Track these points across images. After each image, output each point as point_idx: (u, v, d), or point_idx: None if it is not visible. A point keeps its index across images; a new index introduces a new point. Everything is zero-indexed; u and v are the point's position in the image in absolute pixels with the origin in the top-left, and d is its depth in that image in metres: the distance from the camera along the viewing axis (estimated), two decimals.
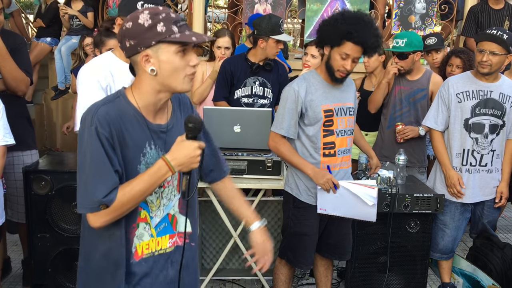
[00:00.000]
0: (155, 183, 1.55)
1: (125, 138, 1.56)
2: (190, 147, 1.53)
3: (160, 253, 1.73)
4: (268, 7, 5.36)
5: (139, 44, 1.50)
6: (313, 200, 2.79)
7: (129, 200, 1.54)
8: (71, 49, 5.82)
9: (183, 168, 1.55)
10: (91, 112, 1.54)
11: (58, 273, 3.14)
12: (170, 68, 1.52)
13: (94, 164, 1.51)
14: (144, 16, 1.49)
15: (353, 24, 2.49)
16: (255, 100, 3.66)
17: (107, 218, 1.55)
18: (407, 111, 3.74)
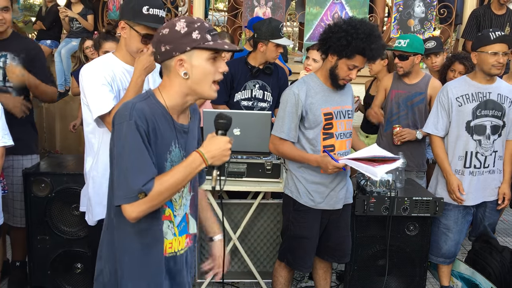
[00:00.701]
0: (190, 175, 1.62)
1: (157, 135, 1.63)
2: (222, 141, 1.63)
3: (180, 253, 1.80)
4: (268, 11, 5.37)
5: (174, 49, 1.60)
6: (313, 203, 2.80)
7: (166, 189, 1.59)
8: (71, 52, 5.83)
9: (215, 160, 1.63)
10: (129, 107, 1.60)
11: (58, 275, 3.14)
12: (201, 73, 1.62)
13: (134, 155, 1.57)
14: (181, 24, 1.60)
15: (367, 41, 2.50)
16: (255, 104, 3.67)
17: (144, 207, 1.58)
18: (404, 115, 3.76)
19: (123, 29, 2.35)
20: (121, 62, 2.41)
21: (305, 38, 5.47)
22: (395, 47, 3.69)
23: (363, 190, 3.16)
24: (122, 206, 1.59)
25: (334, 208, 2.85)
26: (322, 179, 2.78)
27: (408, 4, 5.47)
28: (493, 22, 5.06)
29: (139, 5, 2.28)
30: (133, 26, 2.31)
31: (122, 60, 2.42)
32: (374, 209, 3.08)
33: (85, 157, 2.50)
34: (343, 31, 2.54)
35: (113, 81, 2.35)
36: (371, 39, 2.51)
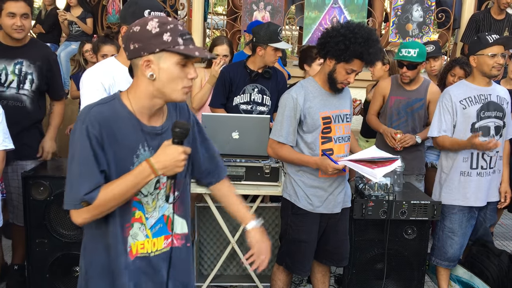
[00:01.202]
0: (138, 184, 1.58)
1: (117, 139, 1.60)
2: (175, 151, 1.57)
3: (156, 254, 1.76)
4: (267, 15, 5.39)
5: (143, 49, 1.55)
6: (311, 207, 2.81)
7: (111, 199, 1.57)
8: (70, 55, 5.84)
9: (166, 171, 1.58)
10: (85, 111, 1.59)
11: (56, 279, 3.14)
12: (169, 77, 1.57)
13: (81, 162, 1.56)
14: (153, 23, 1.55)
15: (365, 45, 2.52)
16: (254, 107, 3.68)
17: (88, 215, 1.58)
18: (404, 121, 3.77)
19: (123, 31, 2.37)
20: (123, 66, 2.42)
21: (304, 42, 5.49)
22: (404, 57, 3.60)
23: (361, 194, 3.16)
24: (70, 212, 1.60)
25: (333, 212, 2.85)
26: (320, 183, 2.79)
27: (406, 9, 5.49)
28: (492, 27, 5.09)
29: (140, 10, 2.30)
30: None
31: (124, 64, 2.43)
32: (372, 213, 3.09)
33: None
34: (341, 36, 2.55)
35: (112, 86, 2.37)
36: (369, 43, 2.52)
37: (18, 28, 3.04)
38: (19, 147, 3.13)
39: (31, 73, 3.14)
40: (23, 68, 3.13)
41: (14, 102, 3.14)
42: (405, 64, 3.62)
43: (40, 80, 3.19)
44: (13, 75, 3.10)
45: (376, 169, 2.55)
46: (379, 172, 2.54)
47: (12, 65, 3.10)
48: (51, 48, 6.12)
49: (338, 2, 5.40)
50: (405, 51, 3.60)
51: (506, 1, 4.97)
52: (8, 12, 3.00)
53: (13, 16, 3.02)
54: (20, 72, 3.12)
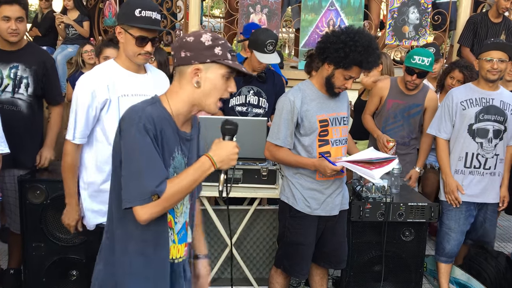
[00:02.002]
0: (199, 178, 1.64)
1: (163, 140, 1.65)
2: (229, 146, 1.67)
3: (179, 261, 1.80)
4: (264, 17, 5.39)
5: (194, 58, 1.64)
6: (309, 210, 2.80)
7: (177, 191, 1.61)
8: (66, 58, 5.82)
9: (223, 164, 1.66)
10: (137, 111, 1.62)
11: (53, 283, 3.13)
12: (213, 87, 1.67)
13: (145, 157, 1.58)
14: (207, 36, 1.65)
15: (365, 53, 2.52)
16: (249, 109, 3.67)
17: (156, 209, 1.59)
18: (400, 125, 3.77)
19: (119, 34, 2.39)
20: (121, 68, 2.43)
21: (301, 45, 5.49)
22: (417, 65, 3.54)
23: (359, 196, 3.16)
24: (134, 208, 1.58)
25: (331, 214, 2.85)
26: (318, 185, 2.79)
27: (402, 11, 5.50)
28: (489, 30, 5.10)
29: (132, 9, 2.32)
30: (128, 29, 2.34)
31: (122, 66, 2.44)
32: (369, 215, 3.09)
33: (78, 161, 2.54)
34: (342, 42, 2.54)
35: (108, 90, 2.38)
36: (368, 52, 2.53)
37: (13, 31, 3.03)
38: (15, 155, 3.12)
39: (26, 77, 3.13)
40: (18, 72, 3.11)
41: (9, 106, 3.12)
42: (416, 72, 3.59)
43: (36, 85, 3.17)
44: (8, 79, 3.09)
45: (374, 170, 2.56)
46: (377, 172, 2.55)
47: (7, 69, 3.09)
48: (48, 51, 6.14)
49: (334, 4, 5.40)
50: (419, 59, 3.55)
51: (505, 6, 4.98)
52: (3, 16, 2.99)
53: (8, 19, 3.00)
54: (15, 76, 3.10)
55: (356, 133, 4.25)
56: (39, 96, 3.29)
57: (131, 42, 2.35)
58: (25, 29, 3.19)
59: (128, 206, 1.59)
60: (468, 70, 3.94)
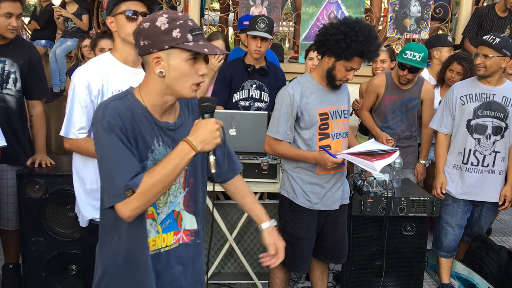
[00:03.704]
0: (180, 164, 1.55)
1: (135, 133, 1.59)
2: (208, 124, 1.56)
3: (165, 250, 1.76)
4: (264, 10, 5.35)
5: (152, 46, 1.54)
6: (309, 204, 2.78)
7: (155, 184, 1.53)
8: (65, 52, 5.79)
9: (205, 145, 1.55)
10: (101, 108, 1.57)
11: (52, 277, 3.11)
12: (178, 74, 1.56)
13: (114, 154, 1.53)
14: (162, 19, 1.53)
15: (366, 43, 2.50)
16: (252, 104, 3.65)
17: (136, 204, 1.53)
18: (399, 120, 3.75)
19: (111, 24, 2.34)
20: (116, 61, 2.38)
21: (301, 38, 5.45)
22: (408, 60, 3.51)
23: (360, 191, 3.14)
24: (116, 207, 1.55)
25: (331, 208, 2.83)
26: (318, 179, 2.77)
27: (404, 4, 5.46)
28: (494, 24, 5.07)
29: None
30: (116, 12, 2.30)
31: (118, 59, 2.39)
32: (370, 210, 3.07)
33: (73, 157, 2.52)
34: (342, 33, 2.51)
35: (102, 84, 2.33)
36: (370, 41, 2.50)
37: (13, 28, 3.00)
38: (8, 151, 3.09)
39: (14, 72, 3.07)
40: (5, 67, 3.05)
41: None
42: (408, 67, 3.55)
43: (23, 80, 3.12)
44: None
45: (375, 162, 2.54)
46: (378, 164, 2.53)
47: None
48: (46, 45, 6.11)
49: None
50: (410, 54, 3.51)
51: None
52: (5, 12, 2.94)
53: (10, 16, 2.96)
54: (2, 71, 3.05)
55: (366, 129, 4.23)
56: None
57: (123, 22, 2.28)
58: (20, 25, 3.16)
59: (107, 206, 1.56)
60: (467, 62, 3.91)
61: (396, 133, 3.73)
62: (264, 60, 3.68)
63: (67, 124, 2.37)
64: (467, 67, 3.87)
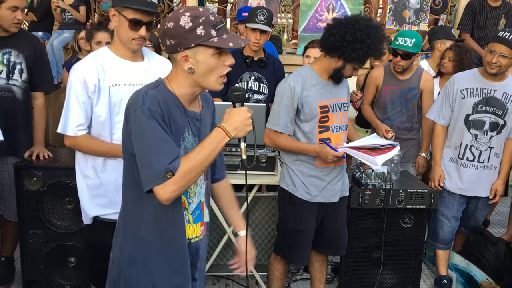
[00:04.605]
0: (215, 150, 1.61)
1: (170, 122, 1.63)
2: (240, 111, 1.64)
3: (195, 240, 1.81)
4: (262, 2, 5.32)
5: (179, 45, 1.59)
6: (309, 196, 2.78)
7: (193, 167, 1.58)
8: (63, 44, 5.77)
9: (238, 132, 1.63)
10: (140, 95, 1.60)
11: (51, 270, 3.11)
12: (207, 68, 1.63)
13: (154, 138, 1.57)
14: (185, 18, 1.58)
15: (379, 47, 2.52)
16: (250, 96, 3.63)
17: (175, 187, 1.57)
18: (399, 111, 3.74)
19: (113, 17, 2.31)
20: (114, 55, 2.36)
21: (300, 30, 5.43)
22: (399, 46, 3.51)
23: (358, 183, 3.14)
24: (154, 190, 1.57)
25: (330, 201, 2.83)
26: (318, 172, 2.76)
27: None
28: (488, 14, 5.04)
29: None
30: (121, 11, 2.26)
31: (116, 53, 2.36)
32: (369, 202, 3.08)
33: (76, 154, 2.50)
34: (359, 42, 2.46)
35: (99, 80, 2.30)
36: (381, 45, 2.54)
37: (18, 21, 3.00)
38: (12, 142, 3.09)
39: (19, 63, 3.08)
40: (11, 58, 3.06)
41: (5, 92, 3.08)
42: (400, 53, 3.55)
43: (29, 71, 3.13)
44: (1, 65, 3.04)
45: (376, 156, 2.54)
46: (380, 159, 2.53)
47: (0, 55, 3.04)
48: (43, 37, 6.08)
49: None
50: (402, 40, 3.53)
51: None
52: (11, 6, 2.93)
53: (16, 9, 2.95)
54: (8, 62, 3.05)
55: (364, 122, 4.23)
56: None
57: (125, 26, 2.26)
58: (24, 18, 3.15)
59: (147, 188, 1.58)
60: (459, 48, 3.90)
61: (395, 125, 3.72)
62: (263, 51, 3.67)
63: (64, 121, 2.35)
64: (457, 51, 3.86)
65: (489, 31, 5.02)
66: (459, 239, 3.71)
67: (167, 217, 1.70)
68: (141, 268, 1.73)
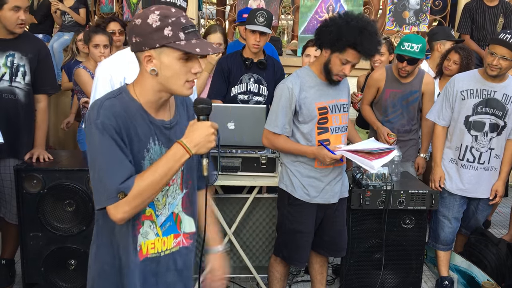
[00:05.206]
0: (173, 168, 1.52)
1: (131, 133, 1.55)
2: (203, 126, 1.52)
3: (166, 253, 1.72)
4: (262, 3, 5.33)
5: (144, 43, 1.50)
6: (308, 197, 2.77)
7: (148, 186, 1.50)
8: (63, 46, 5.76)
9: (199, 148, 1.52)
10: (96, 106, 1.52)
11: (51, 272, 3.11)
12: (171, 72, 1.52)
13: (106, 155, 1.49)
14: (154, 16, 1.49)
15: (358, 35, 2.46)
16: (250, 97, 3.63)
17: (128, 208, 1.50)
18: (399, 114, 3.74)
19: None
20: None
21: (300, 31, 5.43)
22: (406, 52, 3.47)
23: (359, 184, 3.14)
24: (107, 209, 1.51)
25: (330, 202, 2.82)
26: (317, 173, 2.76)
27: None
28: (486, 15, 5.05)
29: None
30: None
31: None
32: (370, 203, 3.07)
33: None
34: (335, 25, 2.51)
35: (125, 78, 2.31)
36: (363, 34, 2.46)
37: (22, 22, 2.99)
38: (13, 144, 3.09)
39: (23, 65, 3.09)
40: (15, 60, 3.07)
41: (8, 94, 3.09)
42: (406, 59, 3.52)
43: (32, 73, 3.14)
44: (5, 68, 3.05)
45: (373, 161, 2.54)
46: (376, 163, 2.53)
47: (3, 57, 3.04)
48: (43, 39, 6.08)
49: None
50: (408, 46, 3.48)
51: None
52: (13, 6, 2.93)
53: (18, 9, 2.95)
54: (12, 65, 3.06)
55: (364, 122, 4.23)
56: None
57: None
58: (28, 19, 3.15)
59: (98, 207, 1.52)
60: (464, 50, 3.90)
61: (396, 127, 3.71)
62: (263, 53, 3.66)
63: None
64: (463, 55, 3.85)
65: (488, 31, 5.02)
66: (460, 240, 3.71)
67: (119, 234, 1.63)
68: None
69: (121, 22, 4.30)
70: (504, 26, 5.01)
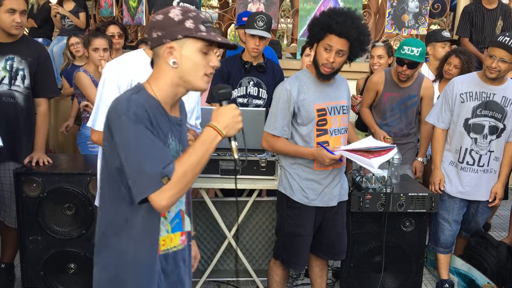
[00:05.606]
0: (208, 150, 1.55)
1: (157, 127, 1.56)
2: (229, 109, 1.59)
3: (173, 250, 1.73)
4: (261, 6, 5.34)
5: (165, 36, 1.54)
6: (307, 200, 2.77)
7: (189, 169, 1.51)
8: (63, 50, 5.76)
9: (229, 130, 1.57)
10: (123, 100, 1.53)
11: (51, 276, 3.10)
12: (191, 64, 1.56)
13: (144, 143, 1.48)
14: (175, 11, 1.55)
15: (334, 17, 2.50)
16: (250, 101, 3.63)
17: (173, 191, 1.49)
18: (398, 118, 3.73)
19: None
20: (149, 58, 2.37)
21: (299, 34, 5.44)
22: (406, 55, 3.46)
23: (359, 187, 3.14)
24: (150, 198, 1.48)
25: (328, 205, 2.82)
26: (315, 175, 2.76)
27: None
28: (485, 17, 5.06)
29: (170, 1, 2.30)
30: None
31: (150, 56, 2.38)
32: (369, 206, 3.07)
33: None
34: (316, 19, 2.59)
35: (132, 80, 2.30)
36: (339, 16, 2.50)
37: (18, 24, 3.00)
38: (13, 148, 3.09)
39: (22, 69, 3.09)
40: (14, 64, 3.07)
41: (7, 98, 3.10)
42: (406, 63, 3.51)
43: (31, 77, 3.14)
44: (4, 71, 3.06)
45: (373, 159, 2.54)
46: (376, 161, 2.53)
47: (3, 61, 3.05)
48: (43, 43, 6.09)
49: None
50: (408, 49, 3.46)
51: None
52: (8, 9, 2.96)
53: (13, 12, 2.97)
54: (11, 68, 3.07)
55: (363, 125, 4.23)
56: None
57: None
58: (26, 22, 3.16)
59: (141, 197, 1.49)
60: (465, 55, 3.90)
61: (394, 131, 3.71)
62: (262, 56, 3.67)
63: (94, 116, 2.33)
64: (464, 60, 3.86)
65: (487, 34, 5.03)
66: (460, 243, 3.70)
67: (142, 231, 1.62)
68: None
69: (120, 25, 4.31)
70: (503, 29, 5.03)
